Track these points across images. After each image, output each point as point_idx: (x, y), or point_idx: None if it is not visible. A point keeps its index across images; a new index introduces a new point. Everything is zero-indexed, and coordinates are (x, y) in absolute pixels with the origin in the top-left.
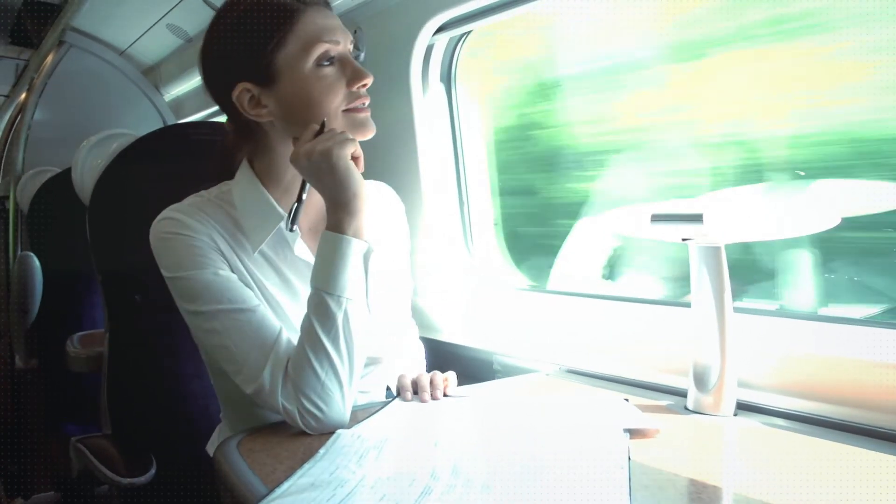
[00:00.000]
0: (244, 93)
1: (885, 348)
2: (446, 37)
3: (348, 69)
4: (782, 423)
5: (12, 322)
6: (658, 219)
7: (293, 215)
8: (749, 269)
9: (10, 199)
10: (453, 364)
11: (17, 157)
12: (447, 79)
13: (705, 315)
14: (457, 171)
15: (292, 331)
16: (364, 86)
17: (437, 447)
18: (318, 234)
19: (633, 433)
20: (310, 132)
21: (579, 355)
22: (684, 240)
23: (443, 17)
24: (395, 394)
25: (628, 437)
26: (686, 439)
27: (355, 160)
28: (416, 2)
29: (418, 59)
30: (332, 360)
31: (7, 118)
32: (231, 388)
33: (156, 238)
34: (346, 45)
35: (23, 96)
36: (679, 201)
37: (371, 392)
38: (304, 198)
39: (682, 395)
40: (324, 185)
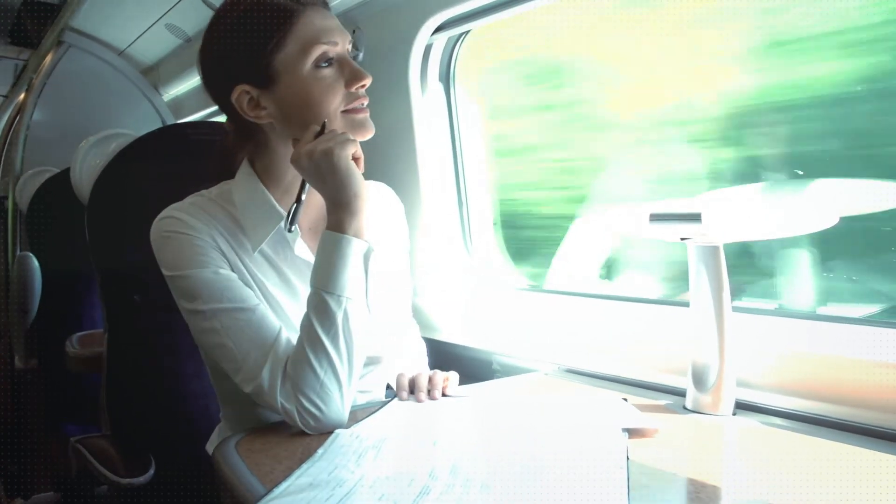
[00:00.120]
0: (243, 95)
1: (884, 348)
2: (445, 36)
3: (347, 70)
4: (781, 423)
5: (12, 322)
6: (656, 218)
7: (292, 216)
8: (748, 268)
9: (10, 200)
10: (452, 364)
11: (16, 157)
12: (446, 78)
13: (704, 314)
14: (456, 171)
15: (292, 330)
16: (363, 86)
17: (435, 447)
18: (319, 234)
19: (632, 433)
20: (310, 133)
21: (578, 355)
22: (683, 239)
23: (441, 17)
24: (395, 393)
25: (627, 437)
26: (685, 439)
27: (356, 161)
28: (414, 1)
29: (417, 59)
30: (332, 359)
31: (6, 118)
32: (231, 388)
33: (156, 236)
34: (344, 45)
35: (22, 96)
36: (677, 201)
37: (371, 392)
38: (304, 198)
39: (681, 394)
40: (325, 186)
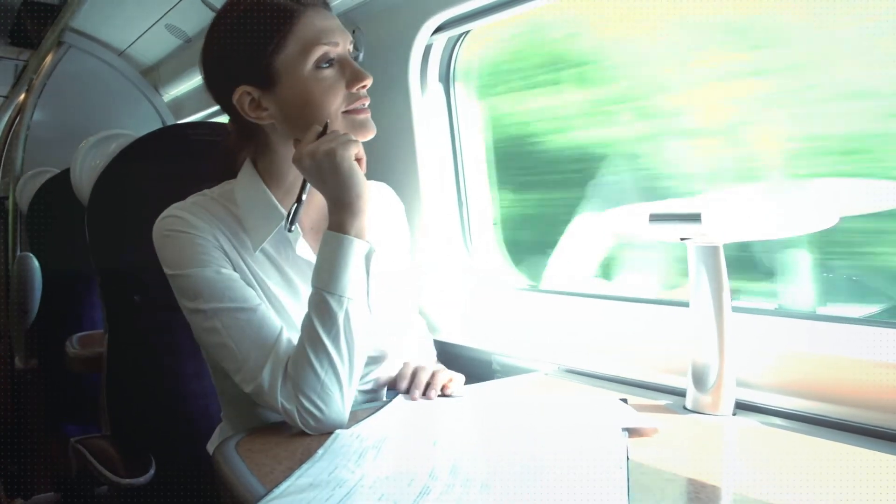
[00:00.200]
0: (244, 96)
1: (884, 348)
2: (445, 36)
3: (348, 70)
4: (781, 423)
5: (12, 322)
6: (656, 218)
7: (292, 216)
8: (746, 267)
9: (10, 200)
10: (452, 364)
11: (17, 157)
12: (446, 78)
13: (704, 315)
14: (455, 171)
15: (293, 330)
16: (364, 87)
17: (435, 447)
18: (320, 234)
19: (632, 433)
20: (312, 133)
21: (578, 355)
22: (683, 239)
23: (441, 17)
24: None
25: (627, 437)
26: (685, 439)
27: (358, 161)
28: (414, 2)
29: (417, 59)
30: (333, 359)
31: (6, 119)
32: (232, 388)
33: (158, 235)
34: (345, 46)
35: (22, 97)
36: (677, 201)
37: (371, 392)
38: (304, 198)
39: (681, 394)
40: (327, 186)
